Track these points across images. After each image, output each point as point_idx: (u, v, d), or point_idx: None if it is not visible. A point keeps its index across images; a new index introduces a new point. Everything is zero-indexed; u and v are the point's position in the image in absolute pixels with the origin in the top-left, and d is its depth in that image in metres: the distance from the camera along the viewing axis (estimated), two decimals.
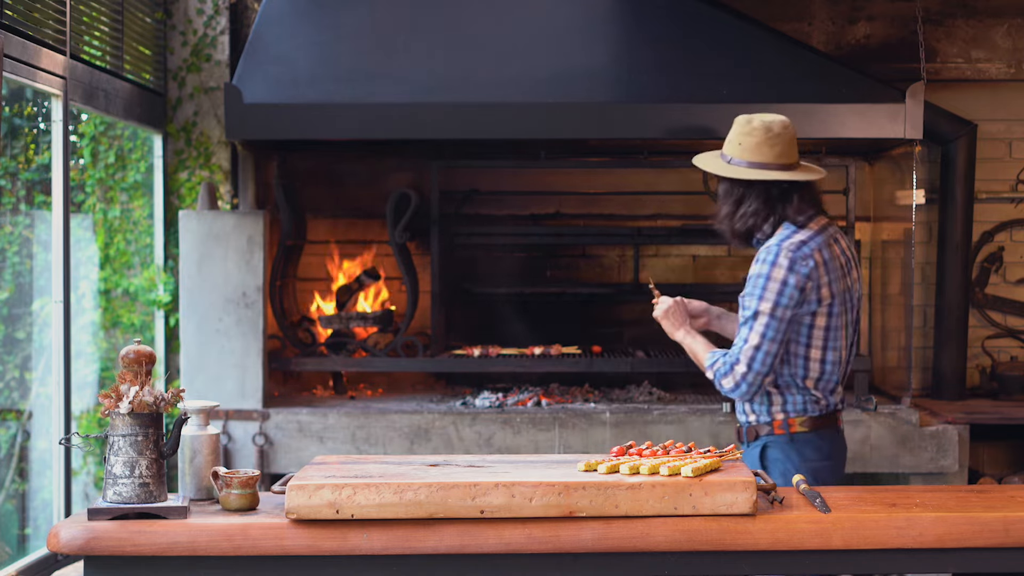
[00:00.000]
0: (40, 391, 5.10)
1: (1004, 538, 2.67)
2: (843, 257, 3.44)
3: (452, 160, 5.66)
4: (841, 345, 3.44)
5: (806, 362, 3.40)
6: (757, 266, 3.36)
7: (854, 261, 3.51)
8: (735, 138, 3.42)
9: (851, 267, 3.47)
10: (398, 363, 5.42)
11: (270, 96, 4.98)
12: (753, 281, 3.35)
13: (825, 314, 3.37)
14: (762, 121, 3.41)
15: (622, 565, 2.68)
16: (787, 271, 3.31)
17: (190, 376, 5.17)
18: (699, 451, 2.96)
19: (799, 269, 3.31)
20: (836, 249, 3.42)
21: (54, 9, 4.62)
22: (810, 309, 3.35)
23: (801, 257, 3.31)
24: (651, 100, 5.00)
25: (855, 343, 3.56)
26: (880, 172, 5.88)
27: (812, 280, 3.32)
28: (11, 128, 5.03)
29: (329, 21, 5.15)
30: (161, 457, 2.69)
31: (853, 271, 3.48)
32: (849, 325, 3.46)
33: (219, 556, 2.64)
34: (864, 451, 5.09)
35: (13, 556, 4.78)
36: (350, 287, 5.77)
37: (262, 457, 5.12)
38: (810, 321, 3.37)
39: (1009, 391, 5.67)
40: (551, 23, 5.14)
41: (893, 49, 5.87)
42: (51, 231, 4.73)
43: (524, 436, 5.10)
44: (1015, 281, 5.99)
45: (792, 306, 3.31)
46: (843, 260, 3.43)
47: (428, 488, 2.63)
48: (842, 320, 3.41)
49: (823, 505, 2.73)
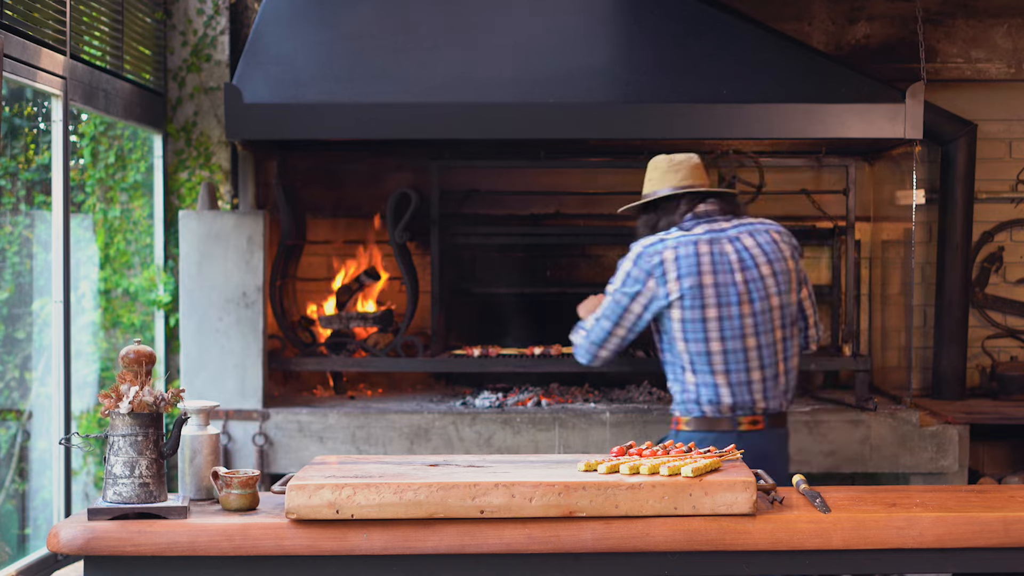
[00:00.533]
0: (40, 391, 5.10)
1: (1004, 538, 2.67)
2: (735, 255, 3.73)
3: (452, 160, 5.66)
4: (715, 337, 3.70)
5: (680, 353, 3.77)
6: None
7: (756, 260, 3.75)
8: (647, 177, 4.00)
9: (745, 266, 3.73)
10: (398, 363, 5.42)
11: (270, 96, 4.98)
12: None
13: (678, 307, 3.71)
14: (665, 156, 4.00)
15: (622, 565, 2.68)
16: (631, 264, 3.79)
17: (190, 376, 5.17)
18: (699, 451, 2.96)
19: (640, 264, 3.76)
20: (721, 248, 3.74)
21: (54, 9, 4.62)
22: (660, 303, 3.73)
23: (647, 254, 3.75)
24: (651, 100, 5.00)
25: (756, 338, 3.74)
26: (880, 172, 5.88)
27: (654, 276, 3.72)
28: (11, 128, 5.03)
29: (329, 21, 5.15)
30: (161, 457, 2.69)
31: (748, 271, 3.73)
32: (723, 319, 3.70)
33: (219, 556, 2.64)
34: (864, 451, 5.09)
35: (13, 556, 4.78)
36: (350, 287, 5.77)
37: (262, 457, 5.12)
38: (669, 314, 3.74)
39: (1009, 391, 5.67)
40: (551, 23, 5.14)
41: (893, 49, 5.87)
42: (51, 231, 4.73)
43: (524, 436, 5.10)
44: (1015, 281, 5.99)
45: (632, 294, 3.75)
46: (733, 258, 3.73)
47: (428, 488, 2.63)
48: (705, 314, 3.70)
49: (823, 505, 2.73)
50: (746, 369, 3.73)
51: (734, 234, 3.78)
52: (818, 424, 5.10)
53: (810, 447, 5.08)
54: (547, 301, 5.95)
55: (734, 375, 3.73)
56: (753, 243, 3.76)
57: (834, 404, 5.32)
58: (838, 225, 5.79)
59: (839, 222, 5.80)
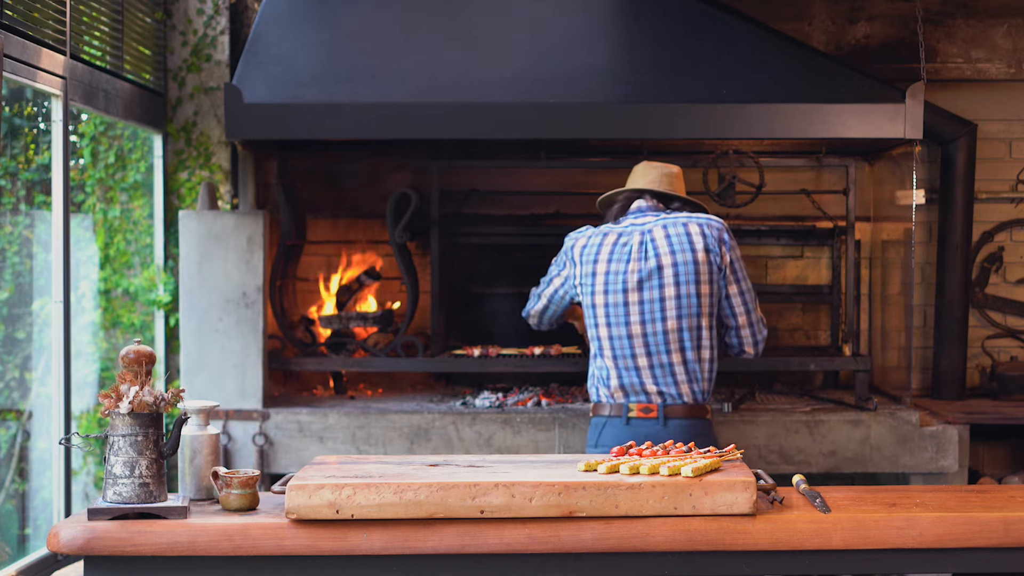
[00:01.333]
0: (40, 391, 5.10)
1: (1004, 538, 2.67)
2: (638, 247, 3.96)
3: (452, 160, 5.66)
4: (603, 323, 3.96)
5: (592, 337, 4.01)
6: None
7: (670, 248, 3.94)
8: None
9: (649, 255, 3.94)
10: (398, 363, 5.42)
11: (270, 96, 4.98)
12: None
13: (582, 292, 4.04)
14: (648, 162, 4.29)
15: (622, 565, 2.68)
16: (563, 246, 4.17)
17: (190, 376, 5.17)
18: (699, 451, 2.96)
19: (564, 247, 4.15)
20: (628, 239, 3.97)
21: (54, 9, 4.62)
22: (570, 283, 4.10)
23: (569, 238, 4.14)
24: (651, 100, 5.00)
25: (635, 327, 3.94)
26: (880, 172, 5.88)
27: (569, 258, 4.09)
28: (11, 128, 5.03)
29: (329, 21, 5.15)
30: (161, 457, 2.69)
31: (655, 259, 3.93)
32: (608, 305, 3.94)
33: (219, 556, 2.64)
34: (864, 451, 5.09)
35: (13, 556, 4.78)
36: (350, 287, 5.77)
37: (262, 457, 5.12)
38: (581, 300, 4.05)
39: (1009, 391, 5.67)
40: (551, 23, 5.14)
41: (893, 49, 5.87)
42: (51, 231, 4.73)
43: (524, 436, 5.10)
44: (1015, 281, 5.99)
45: (557, 271, 4.17)
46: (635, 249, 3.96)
47: (428, 488, 2.63)
48: (599, 300, 3.95)
49: (823, 505, 2.73)
50: (632, 355, 3.90)
51: (650, 227, 4.00)
52: (818, 424, 5.10)
53: (810, 447, 5.08)
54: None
55: (620, 360, 3.92)
56: (662, 235, 3.96)
57: (834, 404, 5.32)
58: (838, 225, 5.79)
59: (839, 222, 5.80)
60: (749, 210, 5.71)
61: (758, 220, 5.91)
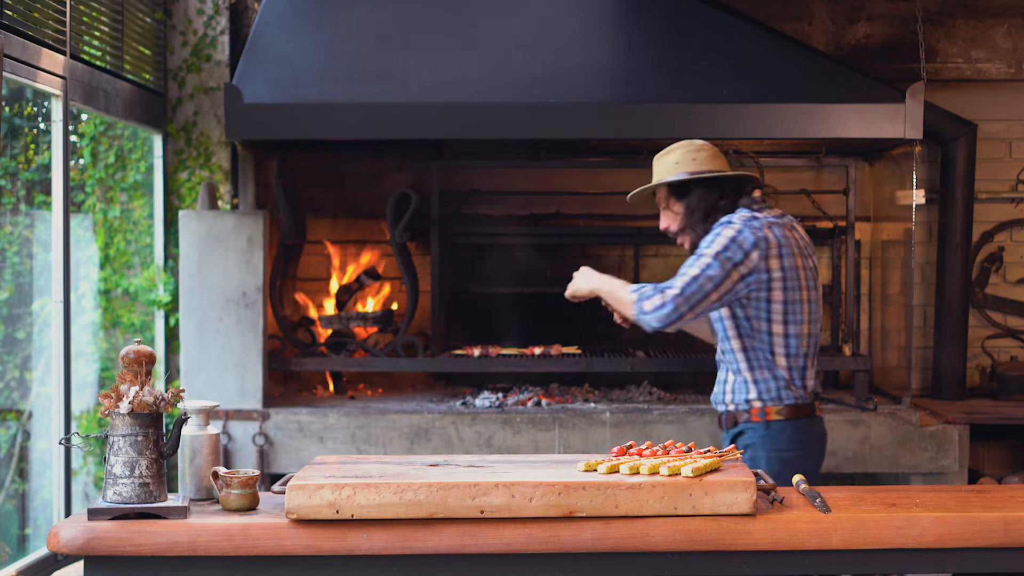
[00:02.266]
0: (40, 391, 5.10)
1: (1004, 538, 2.67)
2: (802, 241, 3.67)
3: (452, 160, 5.66)
4: (803, 320, 3.61)
5: (771, 337, 3.59)
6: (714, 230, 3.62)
7: (810, 248, 3.73)
8: (687, 156, 3.71)
9: (809, 252, 3.70)
10: (398, 363, 5.42)
11: (270, 96, 4.98)
12: (707, 239, 3.59)
13: (780, 288, 3.57)
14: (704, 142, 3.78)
15: (622, 565, 2.67)
16: (736, 231, 3.55)
17: (190, 376, 5.17)
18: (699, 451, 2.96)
19: (746, 234, 3.53)
20: (795, 233, 3.66)
21: (54, 9, 4.62)
22: (760, 278, 3.54)
23: (751, 227, 3.55)
24: (651, 100, 5.00)
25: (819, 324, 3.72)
26: (880, 172, 5.88)
27: (759, 249, 3.53)
28: (11, 128, 5.03)
29: (329, 21, 5.15)
30: (161, 457, 2.69)
31: (810, 257, 3.69)
32: (810, 302, 3.63)
33: (219, 556, 2.64)
34: (864, 451, 5.09)
35: (13, 556, 4.78)
36: (350, 287, 5.77)
37: (262, 457, 5.12)
38: (767, 296, 3.57)
39: (1009, 391, 5.67)
40: (551, 23, 5.14)
41: (893, 49, 5.87)
42: (51, 231, 4.73)
43: (524, 436, 5.10)
44: (1015, 281, 5.99)
45: (735, 261, 3.51)
46: (801, 244, 3.66)
47: (428, 488, 2.63)
48: (800, 296, 3.60)
49: (823, 505, 2.73)
50: (815, 354, 3.71)
51: (789, 221, 3.70)
52: None
53: None
54: (547, 301, 5.95)
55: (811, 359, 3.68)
56: (803, 233, 3.73)
57: (834, 404, 5.32)
58: (838, 225, 5.79)
59: (839, 222, 5.80)
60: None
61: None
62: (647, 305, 3.54)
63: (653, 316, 3.54)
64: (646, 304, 3.54)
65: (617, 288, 3.70)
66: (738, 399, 3.66)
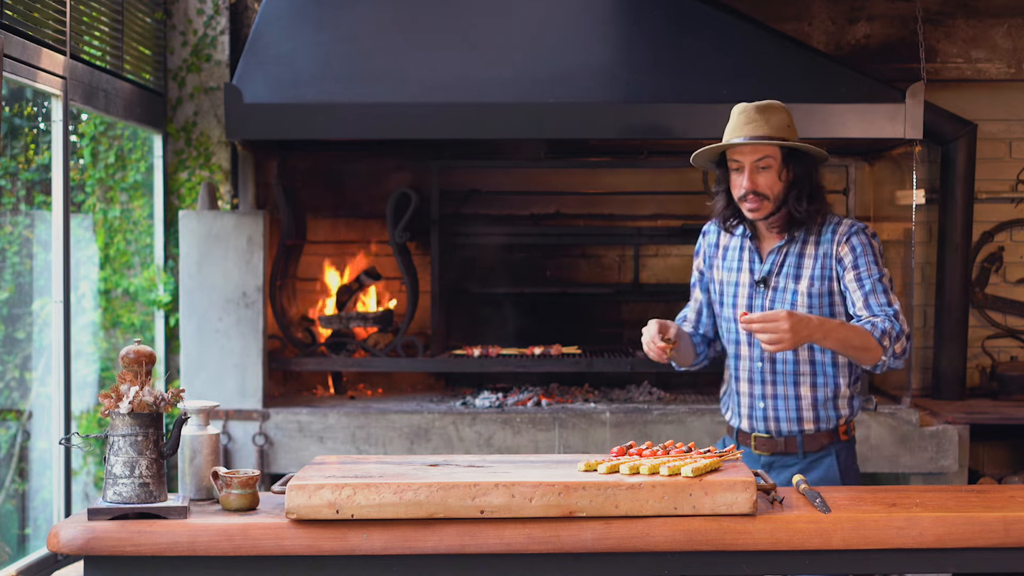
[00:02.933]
0: (40, 391, 5.10)
1: (1004, 538, 2.67)
2: None
3: (452, 160, 5.66)
4: None
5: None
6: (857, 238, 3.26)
7: None
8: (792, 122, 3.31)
9: None
10: (398, 363, 5.42)
11: (270, 96, 4.98)
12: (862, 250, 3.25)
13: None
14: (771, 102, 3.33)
15: (622, 565, 2.67)
16: (877, 241, 3.31)
17: (190, 376, 5.17)
18: (699, 451, 2.96)
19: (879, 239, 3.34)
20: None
21: (54, 9, 4.62)
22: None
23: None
24: (651, 100, 5.00)
25: None
26: (880, 172, 5.88)
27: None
28: (11, 128, 5.02)
29: (329, 21, 5.15)
30: (161, 457, 2.69)
31: None
32: None
33: (219, 556, 2.64)
34: (864, 451, 5.09)
35: (13, 556, 4.78)
36: (350, 287, 5.77)
37: (262, 457, 5.12)
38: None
39: (1009, 391, 5.67)
40: (551, 23, 5.14)
41: (893, 49, 5.87)
42: (51, 231, 4.73)
43: (524, 436, 5.10)
44: (1015, 281, 5.98)
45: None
46: None
47: (428, 488, 2.63)
48: None
49: (823, 505, 2.73)
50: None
51: None
52: None
53: None
54: (547, 301, 5.95)
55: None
56: None
57: None
58: None
59: None
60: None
61: None
62: (898, 348, 3.16)
63: (903, 360, 3.21)
64: (897, 347, 3.16)
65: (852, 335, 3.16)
66: (829, 415, 3.32)
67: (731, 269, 3.42)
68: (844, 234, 3.29)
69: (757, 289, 3.36)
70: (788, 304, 3.29)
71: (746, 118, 3.26)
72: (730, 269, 3.43)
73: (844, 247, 3.28)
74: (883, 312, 3.20)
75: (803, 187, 3.27)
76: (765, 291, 3.34)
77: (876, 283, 3.24)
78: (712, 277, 3.49)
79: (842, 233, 3.29)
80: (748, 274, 3.38)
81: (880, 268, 3.26)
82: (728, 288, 3.42)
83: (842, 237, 3.28)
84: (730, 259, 3.44)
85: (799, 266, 3.32)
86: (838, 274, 3.29)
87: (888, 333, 3.14)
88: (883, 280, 3.25)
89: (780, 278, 3.33)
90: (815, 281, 3.29)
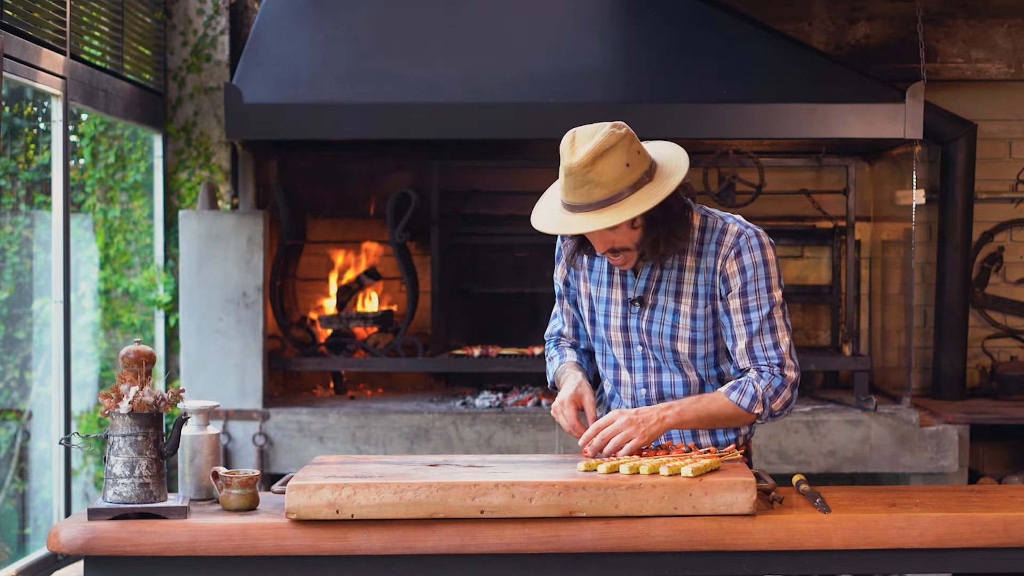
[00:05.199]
0: (40, 391, 5.10)
1: (1004, 538, 2.67)
2: None
3: (452, 160, 5.66)
4: None
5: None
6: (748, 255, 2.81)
7: None
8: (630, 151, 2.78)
9: None
10: (398, 363, 5.42)
11: (270, 96, 4.98)
12: (754, 273, 2.80)
13: None
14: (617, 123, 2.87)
15: (622, 565, 2.67)
16: (773, 250, 2.85)
17: (190, 376, 5.17)
18: (699, 451, 2.95)
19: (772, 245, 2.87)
20: None
21: (54, 9, 4.62)
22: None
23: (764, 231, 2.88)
24: (651, 100, 5.00)
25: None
26: (880, 172, 5.88)
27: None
28: (11, 128, 5.02)
29: (329, 21, 5.15)
30: (161, 457, 2.69)
31: None
32: None
33: (219, 556, 2.64)
34: (864, 451, 5.09)
35: (13, 556, 4.78)
36: (350, 287, 5.77)
37: (262, 457, 5.12)
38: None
39: (1009, 391, 5.67)
40: (551, 23, 5.14)
41: (893, 49, 5.87)
42: (51, 231, 4.73)
43: (524, 436, 5.09)
44: (1015, 281, 5.98)
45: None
46: None
47: (428, 488, 2.63)
48: None
49: (823, 505, 2.73)
50: None
51: None
52: (818, 424, 5.10)
53: (810, 447, 5.08)
54: (547, 301, 5.95)
55: None
56: None
57: (834, 404, 5.32)
58: (838, 225, 5.79)
59: (839, 222, 5.80)
60: (749, 210, 5.71)
61: (758, 220, 5.89)
62: (777, 406, 2.83)
63: (787, 412, 2.89)
64: (776, 405, 2.83)
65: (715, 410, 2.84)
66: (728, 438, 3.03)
67: (600, 283, 2.92)
68: (731, 246, 2.80)
69: (632, 308, 2.88)
70: (668, 326, 2.85)
71: (573, 182, 2.71)
72: (599, 283, 2.92)
73: (732, 264, 2.80)
74: (766, 360, 2.81)
75: (666, 221, 2.74)
76: (641, 310, 2.87)
77: (764, 320, 2.80)
78: (579, 290, 2.98)
79: (728, 245, 2.80)
80: (620, 290, 2.89)
81: (772, 295, 2.79)
82: (599, 306, 2.93)
83: (729, 251, 2.80)
84: (598, 270, 2.93)
85: (679, 280, 2.84)
86: (721, 294, 2.82)
87: (762, 398, 2.81)
88: (774, 313, 2.80)
89: (659, 295, 2.85)
90: (699, 300, 2.83)
